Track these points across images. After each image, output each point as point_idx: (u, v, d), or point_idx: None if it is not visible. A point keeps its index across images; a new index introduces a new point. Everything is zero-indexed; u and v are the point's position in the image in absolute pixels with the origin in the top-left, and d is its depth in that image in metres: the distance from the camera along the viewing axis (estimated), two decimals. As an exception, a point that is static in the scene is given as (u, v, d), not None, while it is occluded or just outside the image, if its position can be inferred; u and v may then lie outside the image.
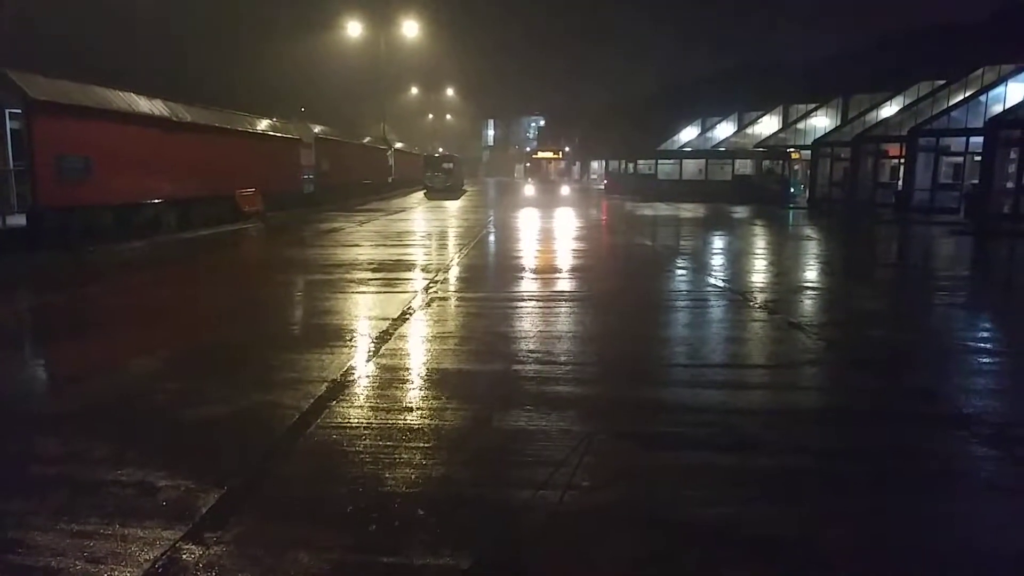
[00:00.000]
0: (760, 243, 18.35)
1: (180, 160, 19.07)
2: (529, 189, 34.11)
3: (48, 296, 10.26)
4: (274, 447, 4.38)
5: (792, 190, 34.74)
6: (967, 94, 26.78)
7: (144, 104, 18.27)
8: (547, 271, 12.28)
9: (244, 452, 4.29)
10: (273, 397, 5.28)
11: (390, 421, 4.82)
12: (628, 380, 5.96)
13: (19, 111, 14.49)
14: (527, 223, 22.27)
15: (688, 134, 54.38)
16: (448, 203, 33.92)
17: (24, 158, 14.61)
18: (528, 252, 15.09)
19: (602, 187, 43.91)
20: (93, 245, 14.42)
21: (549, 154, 36.45)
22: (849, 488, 3.98)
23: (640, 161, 40.23)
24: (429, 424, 4.76)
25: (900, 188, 27.86)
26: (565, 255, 14.66)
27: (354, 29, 39.48)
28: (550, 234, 18.86)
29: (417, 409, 5.07)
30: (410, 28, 40.19)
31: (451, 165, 44.49)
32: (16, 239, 13.63)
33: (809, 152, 35.02)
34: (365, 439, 4.49)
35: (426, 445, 4.39)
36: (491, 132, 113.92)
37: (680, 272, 12.42)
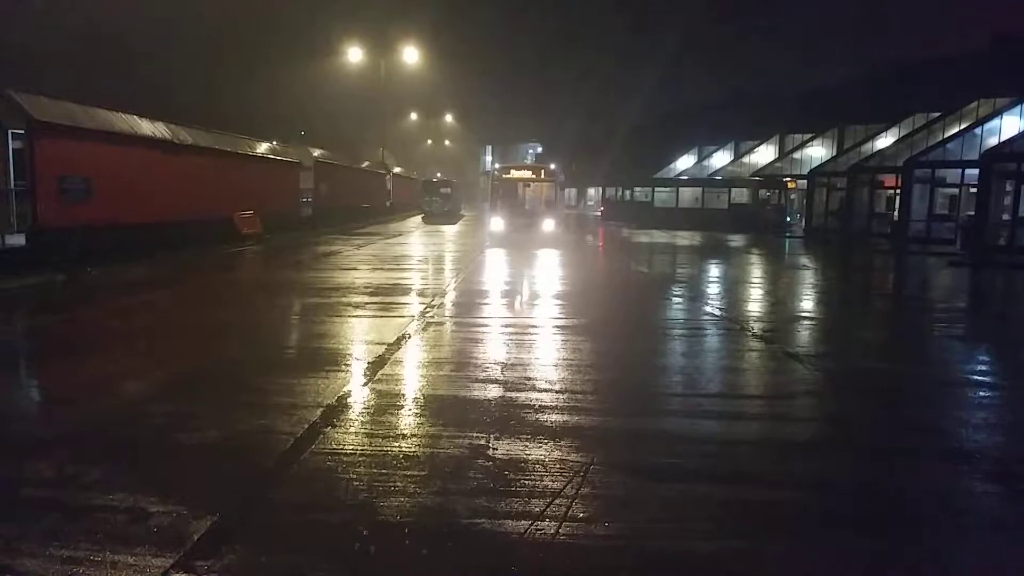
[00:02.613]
0: (757, 272, 18.40)
1: (180, 182, 19.16)
2: (496, 224, 22.47)
3: (44, 317, 10.22)
4: (267, 473, 4.33)
5: (788, 219, 34.99)
6: (962, 126, 27.10)
7: (146, 126, 18.40)
8: (544, 297, 12.28)
9: (236, 478, 4.24)
10: (267, 422, 5.23)
11: (385, 448, 4.78)
12: (625, 409, 5.93)
13: (22, 131, 14.58)
14: (523, 248, 22.31)
15: (685, 162, 54.89)
16: (445, 228, 34.02)
17: (25, 178, 14.66)
18: (525, 278, 15.09)
19: (598, 214, 44.11)
20: (91, 266, 14.41)
21: (526, 173, 24.09)
22: (850, 524, 3.94)
23: (637, 189, 40.52)
24: (424, 452, 4.72)
25: (896, 218, 28.05)
26: (562, 281, 14.68)
27: (355, 55, 39.90)
28: (547, 260, 18.89)
29: (412, 436, 5.03)
30: (410, 55, 40.63)
31: (449, 190, 44.72)
32: (15, 259, 13.62)
33: (805, 181, 35.36)
34: (359, 466, 4.45)
35: (421, 473, 4.35)
36: (489, 158, 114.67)
37: (677, 300, 12.43)
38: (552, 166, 25.01)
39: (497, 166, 25.70)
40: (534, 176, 23.94)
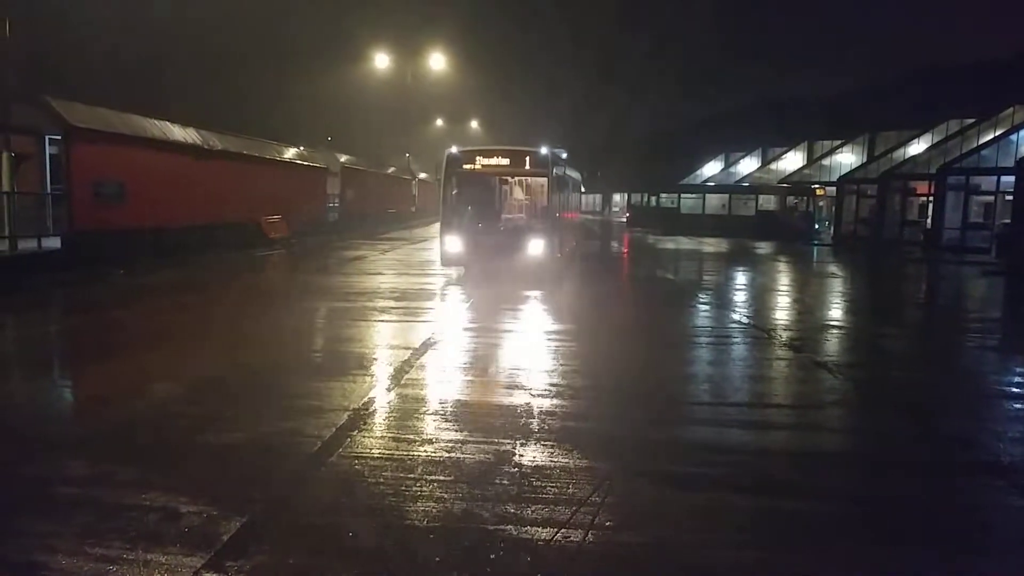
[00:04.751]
0: (784, 279, 18.18)
1: (210, 186, 19.49)
2: (451, 246, 14.37)
3: (77, 318, 10.44)
4: (294, 476, 4.37)
5: (817, 226, 34.51)
6: (997, 133, 26.54)
7: (177, 132, 18.75)
8: (570, 303, 12.25)
9: (264, 480, 4.28)
10: (294, 425, 5.28)
11: (411, 453, 4.79)
12: (650, 417, 5.88)
13: (58, 137, 14.95)
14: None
15: (711, 168, 54.50)
16: (471, 233, 34.00)
17: (61, 182, 15.03)
18: (551, 283, 15.07)
19: (624, 220, 43.95)
20: (123, 268, 14.70)
21: (501, 160, 15.05)
22: (879, 537, 3.86)
23: (663, 194, 40.28)
24: (450, 457, 4.73)
25: (929, 226, 27.54)
26: (588, 286, 14.63)
27: (381, 61, 40.23)
28: (571, 267, 18.85)
29: (438, 441, 5.04)
30: (436, 61, 40.84)
31: None
32: (50, 261, 13.94)
33: (834, 188, 34.87)
34: (386, 470, 4.46)
35: (447, 478, 4.36)
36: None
37: (703, 307, 12.32)
38: (544, 150, 14.35)
39: (454, 150, 14.72)
40: (514, 166, 14.90)
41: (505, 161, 14.91)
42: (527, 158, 14.64)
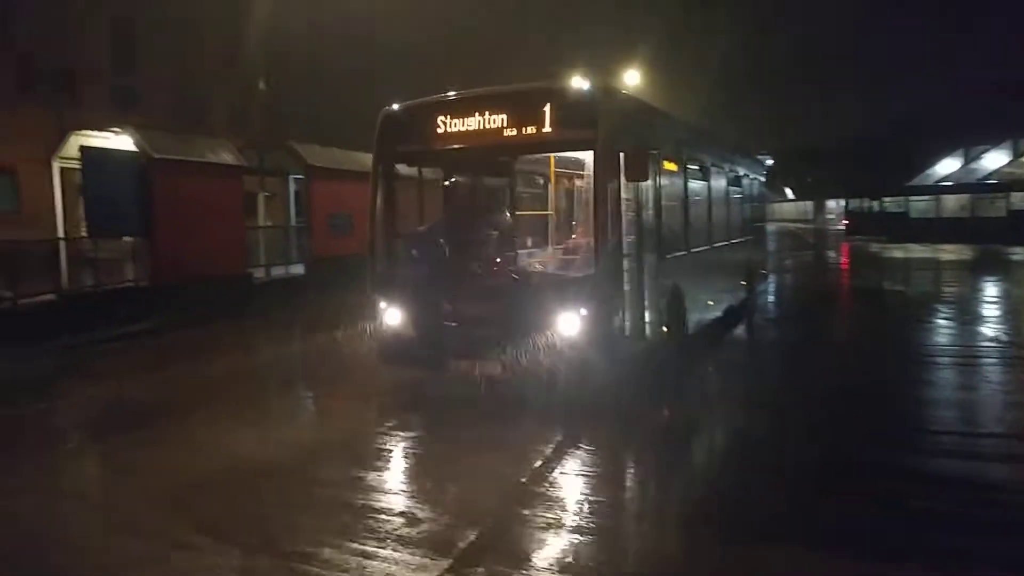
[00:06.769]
0: (1050, 290, 15.53)
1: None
2: (393, 319, 6.69)
3: (322, 336, 11.82)
4: (519, 492, 4.50)
5: (1095, 228, 29.04)
6: None
7: (396, 165, 20.62)
8: (780, 311, 11.50)
9: (492, 495, 4.47)
10: (517, 439, 5.49)
11: (622, 472, 4.80)
12: (887, 445, 5.34)
13: (300, 176, 17.23)
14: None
15: (946, 166, 48.45)
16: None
17: (303, 216, 17.29)
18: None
19: (841, 228, 40.41)
20: (346, 289, 16.52)
21: (487, 119, 6.10)
22: None
23: (886, 199, 36.46)
24: (657, 477, 4.66)
25: None
26: (801, 295, 13.64)
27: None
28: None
29: (644, 464, 5.00)
30: (631, 77, 40.75)
31: None
32: (295, 283, 16.17)
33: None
34: (607, 489, 4.51)
35: (656, 505, 4.30)
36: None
37: (944, 323, 10.91)
38: (580, 83, 5.87)
39: (395, 107, 6.72)
40: (514, 125, 6.08)
41: (496, 119, 6.22)
42: (546, 107, 5.96)
